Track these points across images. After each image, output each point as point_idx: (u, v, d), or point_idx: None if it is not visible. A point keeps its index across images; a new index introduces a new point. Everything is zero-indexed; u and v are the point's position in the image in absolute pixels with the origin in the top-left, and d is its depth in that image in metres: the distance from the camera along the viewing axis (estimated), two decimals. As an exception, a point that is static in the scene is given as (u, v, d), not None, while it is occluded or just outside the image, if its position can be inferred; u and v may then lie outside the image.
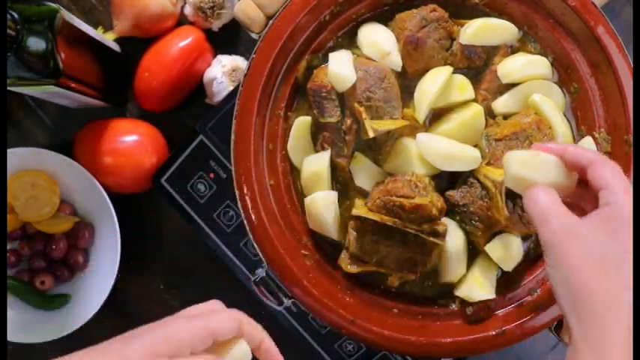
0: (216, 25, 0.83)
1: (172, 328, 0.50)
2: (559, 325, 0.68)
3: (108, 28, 0.84)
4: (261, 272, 0.70)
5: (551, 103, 0.69)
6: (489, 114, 0.71)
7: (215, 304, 0.56)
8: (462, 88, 0.70)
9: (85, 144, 0.82)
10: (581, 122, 0.71)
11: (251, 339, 0.55)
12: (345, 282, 0.70)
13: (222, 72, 0.80)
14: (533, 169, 0.57)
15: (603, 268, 0.51)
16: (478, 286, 0.69)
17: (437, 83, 0.68)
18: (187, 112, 0.86)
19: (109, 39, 0.82)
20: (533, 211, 0.56)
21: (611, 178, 0.54)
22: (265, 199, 0.69)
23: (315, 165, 0.69)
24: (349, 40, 0.72)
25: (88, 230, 0.83)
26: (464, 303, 0.70)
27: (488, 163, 0.68)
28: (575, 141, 0.71)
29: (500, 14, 0.71)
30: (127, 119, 0.85)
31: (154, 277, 0.87)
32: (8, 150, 0.78)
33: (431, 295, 0.72)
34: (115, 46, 0.83)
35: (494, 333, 0.68)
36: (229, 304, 0.87)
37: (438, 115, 0.71)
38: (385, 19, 0.72)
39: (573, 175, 0.58)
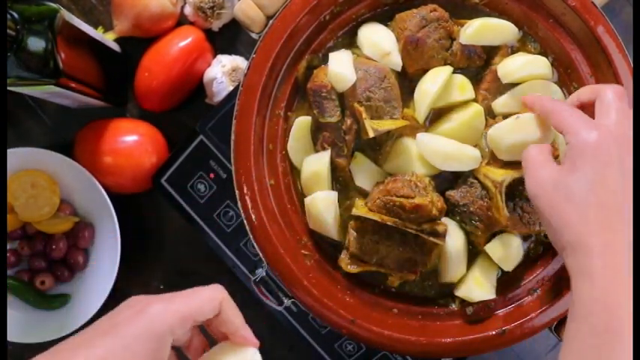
0: (216, 25, 0.83)
1: (147, 320, 0.49)
2: (559, 325, 0.68)
3: (108, 28, 0.84)
4: (261, 272, 0.70)
5: (551, 103, 0.69)
6: (489, 114, 0.71)
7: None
8: (462, 88, 0.70)
9: (85, 144, 0.82)
10: (581, 122, 0.71)
11: (229, 324, 0.54)
12: (345, 282, 0.70)
13: (222, 72, 0.80)
14: (520, 131, 0.64)
15: (571, 203, 0.54)
16: (478, 287, 0.69)
17: (437, 83, 0.68)
18: (187, 112, 0.86)
19: (109, 39, 0.82)
20: (523, 166, 0.59)
21: (568, 120, 0.56)
22: (265, 199, 0.69)
23: (315, 165, 0.69)
24: (349, 40, 0.72)
25: (88, 230, 0.83)
26: (464, 303, 0.70)
27: (488, 163, 0.68)
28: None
29: (500, 14, 0.71)
30: (127, 119, 0.85)
31: (154, 277, 0.87)
32: (8, 150, 0.78)
33: (431, 295, 0.72)
34: (115, 46, 0.83)
35: (494, 333, 0.68)
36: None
37: (438, 115, 0.71)
38: (385, 19, 0.72)
39: None
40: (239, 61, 0.82)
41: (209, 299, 0.52)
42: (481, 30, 0.69)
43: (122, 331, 0.48)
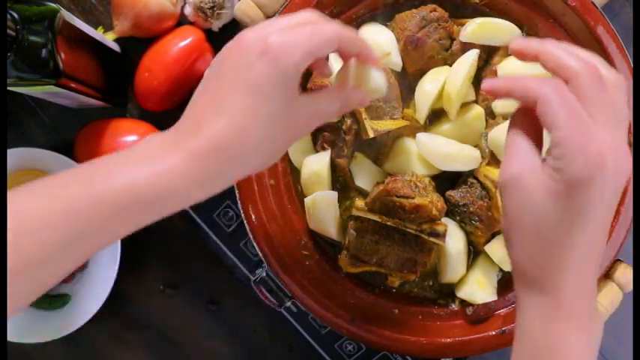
0: (216, 25, 0.83)
1: (275, 65, 0.46)
2: (559, 325, 0.68)
3: (108, 28, 0.84)
4: (261, 272, 0.70)
5: (551, 103, 0.69)
6: (489, 114, 0.71)
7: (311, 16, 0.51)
8: (462, 88, 0.70)
9: (85, 144, 0.82)
10: (581, 122, 0.71)
11: (350, 51, 0.52)
12: (345, 282, 0.70)
13: (222, 72, 0.80)
14: None
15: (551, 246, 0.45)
16: (481, 288, 0.69)
17: (437, 83, 0.68)
18: (187, 112, 0.86)
19: (109, 39, 0.82)
20: (505, 151, 0.49)
21: (560, 121, 0.43)
22: (265, 199, 0.69)
23: (315, 165, 0.69)
24: (349, 40, 0.72)
25: (88, 230, 0.83)
26: (464, 303, 0.70)
27: (488, 164, 0.68)
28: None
29: (500, 14, 0.71)
30: (127, 119, 0.85)
31: (154, 277, 0.87)
32: (8, 150, 0.78)
33: (431, 295, 0.72)
34: (115, 46, 0.83)
35: (494, 333, 0.68)
36: (229, 304, 0.87)
37: (438, 115, 0.71)
38: (385, 19, 0.72)
39: None
40: (239, 61, 0.82)
41: (330, 41, 0.48)
42: (482, 28, 0.69)
43: (255, 80, 0.46)
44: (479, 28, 0.69)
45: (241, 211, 0.69)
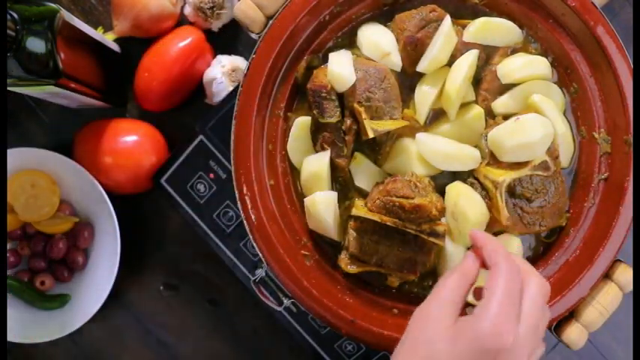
0: (215, 25, 0.83)
1: None
2: (559, 325, 0.68)
3: (108, 28, 0.84)
4: (261, 272, 0.70)
5: (551, 104, 0.69)
6: (489, 114, 0.71)
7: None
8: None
9: (85, 144, 0.82)
10: (581, 122, 0.71)
11: None
12: (344, 282, 0.70)
13: (222, 72, 0.80)
14: (521, 132, 0.64)
15: None
16: (480, 288, 0.69)
17: (437, 83, 0.68)
18: (187, 112, 0.86)
19: (109, 39, 0.82)
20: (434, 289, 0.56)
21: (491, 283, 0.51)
22: (265, 200, 0.69)
23: (315, 165, 0.69)
24: (349, 40, 0.72)
25: (87, 230, 0.83)
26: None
27: (488, 164, 0.68)
28: (575, 141, 0.71)
29: (500, 14, 0.71)
30: (127, 119, 0.85)
31: (154, 277, 0.87)
32: (8, 150, 0.78)
33: (431, 295, 0.72)
34: (115, 46, 0.83)
35: (494, 333, 0.68)
36: (229, 304, 0.87)
37: (437, 115, 0.71)
38: (385, 19, 0.72)
39: None
40: (239, 62, 0.82)
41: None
42: (485, 28, 0.69)
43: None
44: (482, 28, 0.69)
45: (241, 212, 0.69)
